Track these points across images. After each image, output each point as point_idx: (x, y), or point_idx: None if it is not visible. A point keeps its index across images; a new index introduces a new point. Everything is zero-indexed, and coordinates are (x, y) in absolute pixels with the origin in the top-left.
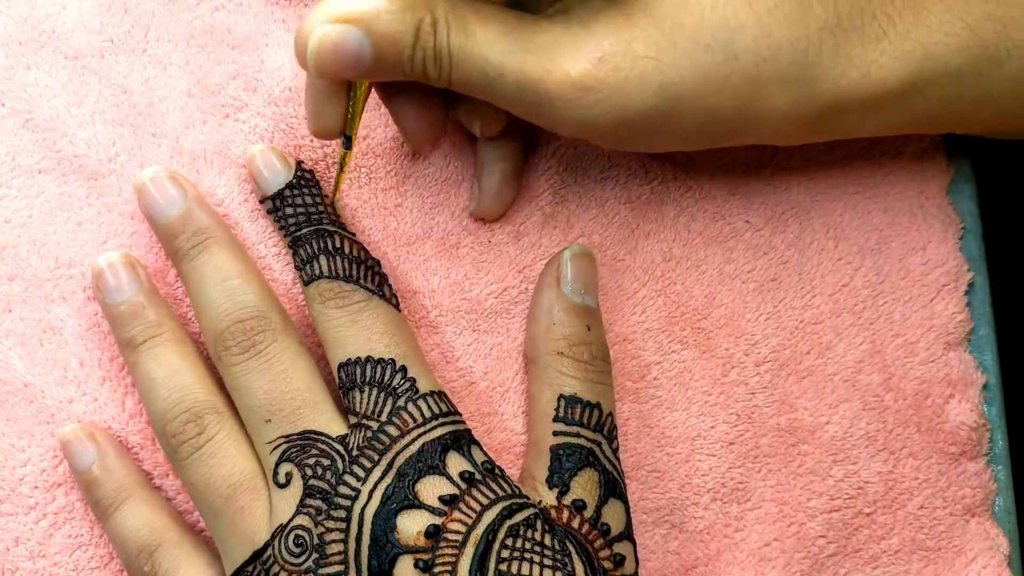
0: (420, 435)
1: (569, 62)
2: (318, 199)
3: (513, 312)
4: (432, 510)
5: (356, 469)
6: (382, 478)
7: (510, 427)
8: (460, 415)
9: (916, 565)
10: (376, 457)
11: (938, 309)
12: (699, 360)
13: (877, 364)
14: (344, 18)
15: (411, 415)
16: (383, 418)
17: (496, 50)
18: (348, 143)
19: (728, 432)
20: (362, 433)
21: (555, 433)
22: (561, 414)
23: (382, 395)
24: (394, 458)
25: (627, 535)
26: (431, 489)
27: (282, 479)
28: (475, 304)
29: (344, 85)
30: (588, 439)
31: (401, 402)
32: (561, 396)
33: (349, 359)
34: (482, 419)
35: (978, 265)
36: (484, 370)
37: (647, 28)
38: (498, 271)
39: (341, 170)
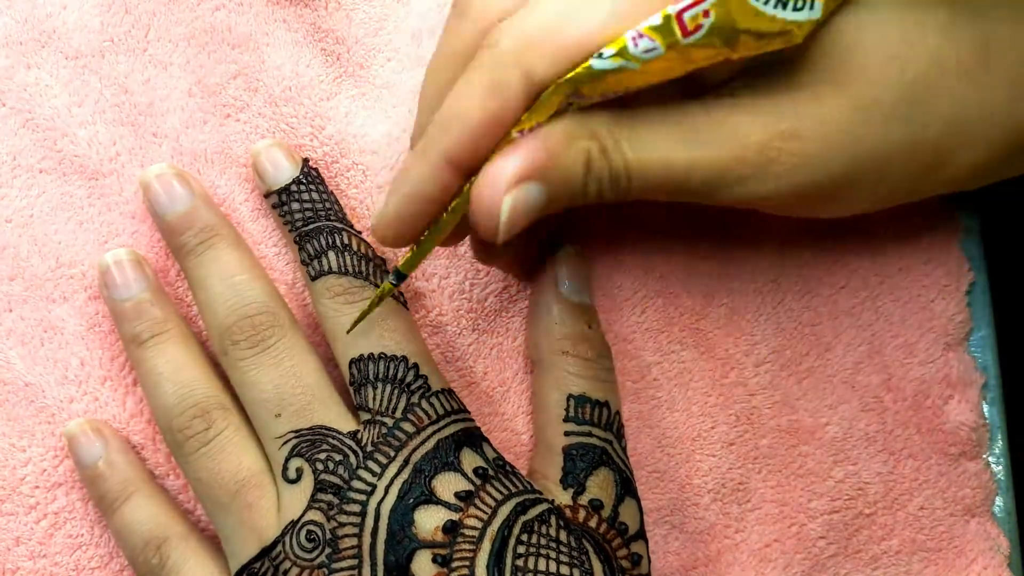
0: (435, 432)
1: (761, 141)
2: (325, 195)
3: (513, 312)
4: (448, 506)
5: (371, 464)
6: (399, 473)
7: (511, 427)
8: (469, 412)
9: (916, 566)
10: (392, 453)
11: (938, 310)
12: (699, 361)
13: (876, 365)
14: (524, 179)
15: (425, 412)
16: (397, 414)
17: (677, 150)
18: (400, 279)
19: (728, 433)
20: (376, 429)
21: (567, 433)
22: (572, 414)
23: (396, 391)
24: (410, 454)
25: (642, 534)
26: (447, 485)
27: (292, 474)
28: (475, 304)
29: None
30: (600, 438)
31: (415, 399)
32: (570, 396)
33: (361, 355)
34: (483, 419)
35: (978, 265)
36: (485, 370)
37: (838, 104)
38: (498, 271)
39: (376, 303)
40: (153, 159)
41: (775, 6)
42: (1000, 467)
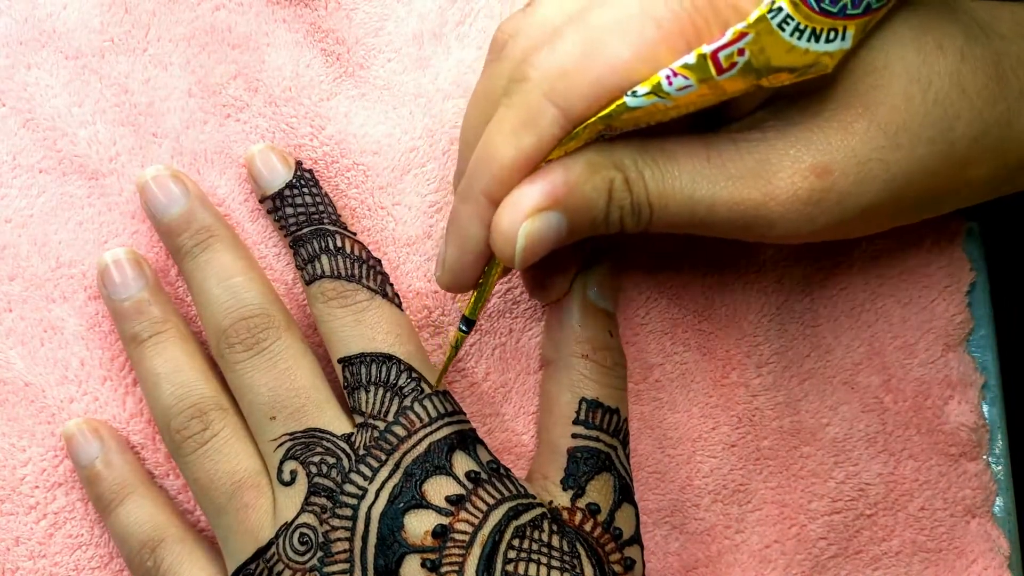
0: (427, 435)
1: (792, 180)
2: (318, 198)
3: (516, 313)
4: (439, 510)
5: (363, 468)
6: (389, 478)
7: (512, 427)
8: (465, 414)
9: (917, 567)
10: (383, 457)
11: (938, 310)
12: (700, 362)
13: (876, 365)
14: (543, 207)
15: (417, 415)
16: (390, 418)
17: (702, 186)
18: (469, 327)
19: (729, 434)
20: (369, 432)
21: (574, 435)
22: (582, 417)
23: (388, 394)
24: (401, 458)
25: (636, 539)
26: (438, 489)
27: (287, 477)
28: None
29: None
30: (606, 444)
31: (407, 402)
32: (583, 399)
33: (354, 358)
34: (483, 420)
35: (979, 265)
36: (486, 371)
37: (867, 131)
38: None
39: (454, 353)
40: (153, 159)
41: (808, 39)
42: (1000, 467)
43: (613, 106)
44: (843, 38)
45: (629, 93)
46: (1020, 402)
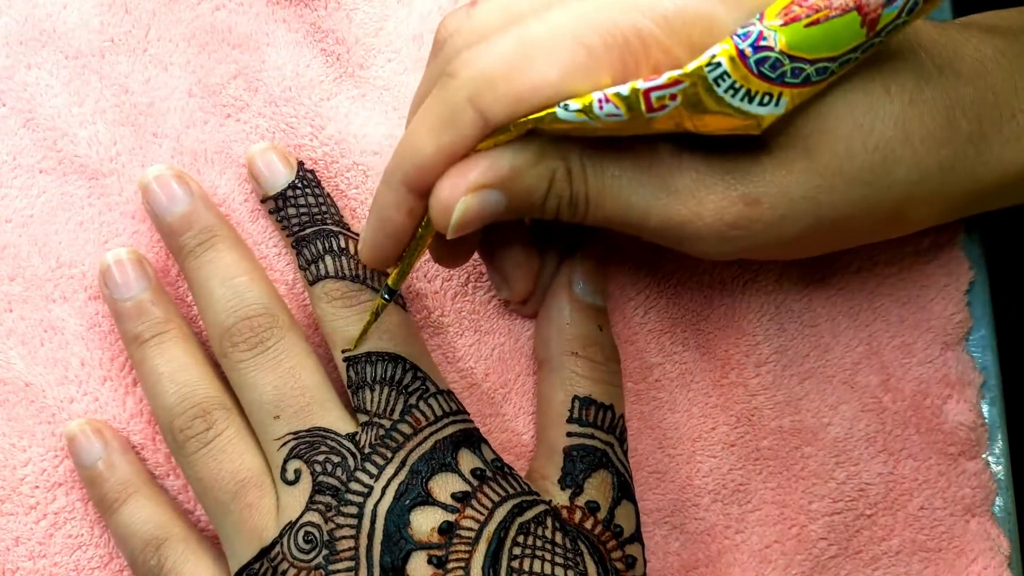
0: (432, 433)
1: (721, 204)
2: (321, 199)
3: (514, 313)
4: (445, 507)
5: (369, 466)
6: (395, 475)
7: (512, 427)
8: (468, 414)
9: (917, 566)
10: (389, 455)
11: (937, 309)
12: (700, 362)
13: (875, 365)
14: (484, 185)
15: (423, 413)
16: (395, 416)
17: (638, 193)
18: (391, 296)
19: (729, 434)
20: (374, 431)
21: (569, 434)
22: (576, 415)
23: (393, 393)
24: (407, 456)
25: (637, 537)
26: (444, 486)
27: (291, 476)
28: (478, 305)
29: (413, 231)
30: (602, 441)
31: (413, 400)
32: (576, 397)
33: (359, 357)
34: (484, 420)
35: (978, 264)
36: (486, 371)
37: (804, 173)
38: None
39: (373, 319)
40: (153, 159)
41: (742, 99)
42: (1000, 467)
43: (544, 113)
44: (777, 104)
45: (561, 105)
46: (1020, 402)
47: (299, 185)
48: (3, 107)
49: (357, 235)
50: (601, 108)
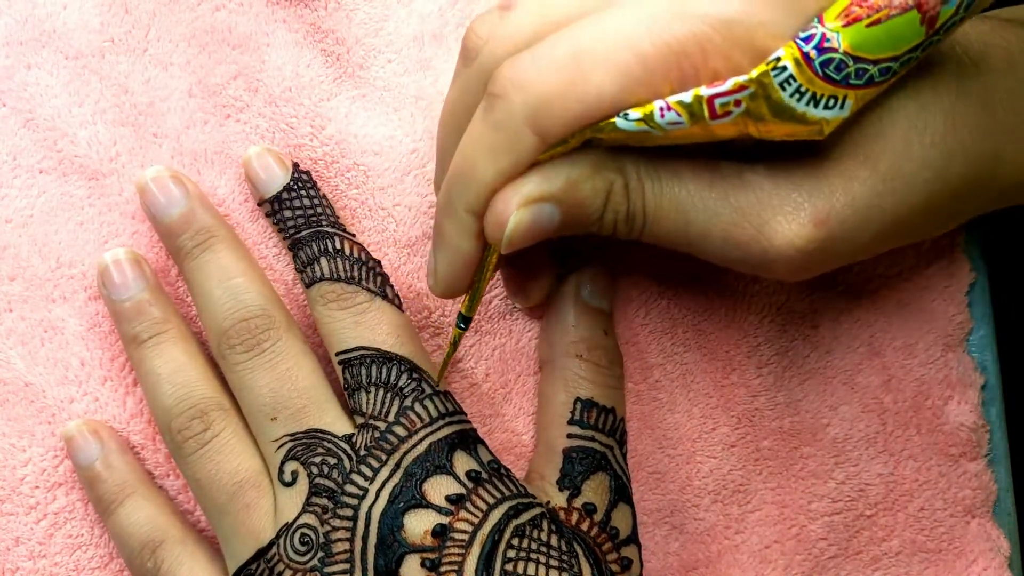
0: (427, 435)
1: (790, 228)
2: (316, 200)
3: (516, 313)
4: (439, 509)
5: (364, 468)
6: (390, 477)
7: (512, 428)
8: (465, 415)
9: (917, 567)
10: (384, 457)
11: (938, 310)
12: (700, 362)
13: (876, 366)
14: (539, 199)
15: (418, 415)
16: (390, 418)
17: (699, 209)
18: (467, 324)
19: (729, 434)
20: (369, 433)
21: (569, 435)
22: (577, 417)
23: (388, 395)
24: (402, 458)
25: (634, 539)
26: (438, 488)
27: (288, 477)
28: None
29: (480, 258)
30: (602, 443)
31: (408, 402)
32: (578, 399)
33: (354, 359)
34: (484, 420)
35: (979, 265)
36: (486, 371)
37: (867, 180)
38: (501, 273)
39: (452, 351)
40: (153, 159)
41: (807, 103)
42: (1000, 467)
43: (604, 123)
44: (842, 107)
45: (620, 115)
46: (1020, 402)
47: (294, 187)
48: (3, 107)
49: (353, 236)
50: (663, 116)
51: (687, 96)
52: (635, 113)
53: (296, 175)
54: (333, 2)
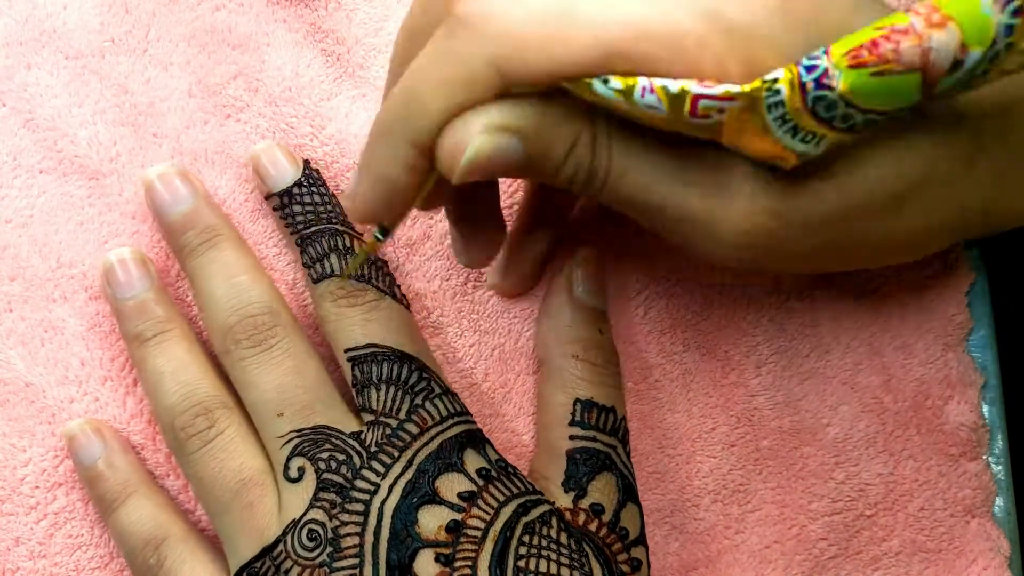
0: (439, 433)
1: (742, 211)
2: (326, 198)
3: (515, 313)
4: (452, 506)
5: (375, 464)
6: (402, 473)
7: (512, 428)
8: (471, 415)
9: (917, 567)
10: (396, 453)
11: (937, 310)
12: (700, 362)
13: (876, 365)
14: (503, 127)
15: (429, 413)
16: (401, 415)
17: (660, 180)
18: (386, 234)
19: (729, 434)
20: (380, 430)
21: (571, 437)
22: (578, 418)
23: (399, 393)
24: (414, 455)
25: (642, 540)
26: (450, 485)
27: (294, 473)
28: (477, 305)
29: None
30: (605, 443)
31: (419, 400)
32: (577, 400)
33: (365, 356)
34: (484, 420)
35: (978, 265)
36: (486, 372)
37: (833, 197)
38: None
39: (364, 256)
40: (153, 159)
41: (786, 132)
42: (1000, 467)
43: (578, 82)
44: (817, 144)
45: (600, 79)
46: (1020, 402)
47: (305, 183)
48: (3, 107)
49: (361, 235)
50: (643, 96)
51: (674, 86)
52: (616, 83)
53: (307, 172)
54: (333, 2)
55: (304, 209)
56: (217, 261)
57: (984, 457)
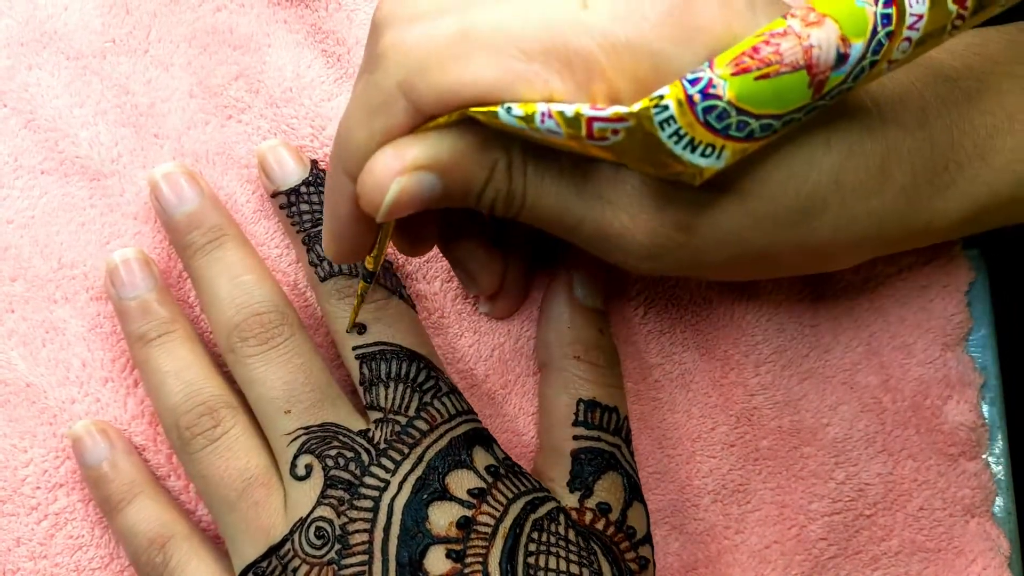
0: (448, 430)
1: (653, 223)
2: None
3: (515, 313)
4: (462, 502)
5: (385, 461)
6: (412, 470)
7: (513, 428)
8: (476, 414)
9: (916, 567)
10: (406, 450)
11: (937, 309)
12: (699, 362)
13: (875, 365)
14: (419, 166)
15: (438, 411)
16: (410, 413)
17: (574, 200)
18: (370, 277)
19: (729, 434)
20: (389, 427)
21: (576, 437)
22: (581, 418)
23: (408, 390)
24: (424, 452)
25: (649, 539)
26: (460, 482)
27: (301, 471)
28: (477, 306)
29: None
30: (609, 443)
31: (427, 398)
32: (580, 400)
33: (373, 354)
34: (484, 420)
35: (978, 264)
36: (486, 372)
37: (736, 214)
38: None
39: (360, 302)
40: (155, 160)
41: (684, 147)
42: (1000, 467)
43: (487, 109)
44: (718, 157)
45: (504, 107)
46: (1020, 402)
47: (313, 182)
48: (4, 108)
49: None
50: (543, 122)
51: (569, 110)
52: (518, 110)
53: (315, 171)
54: (334, 3)
55: (312, 208)
56: (222, 261)
57: (983, 457)
